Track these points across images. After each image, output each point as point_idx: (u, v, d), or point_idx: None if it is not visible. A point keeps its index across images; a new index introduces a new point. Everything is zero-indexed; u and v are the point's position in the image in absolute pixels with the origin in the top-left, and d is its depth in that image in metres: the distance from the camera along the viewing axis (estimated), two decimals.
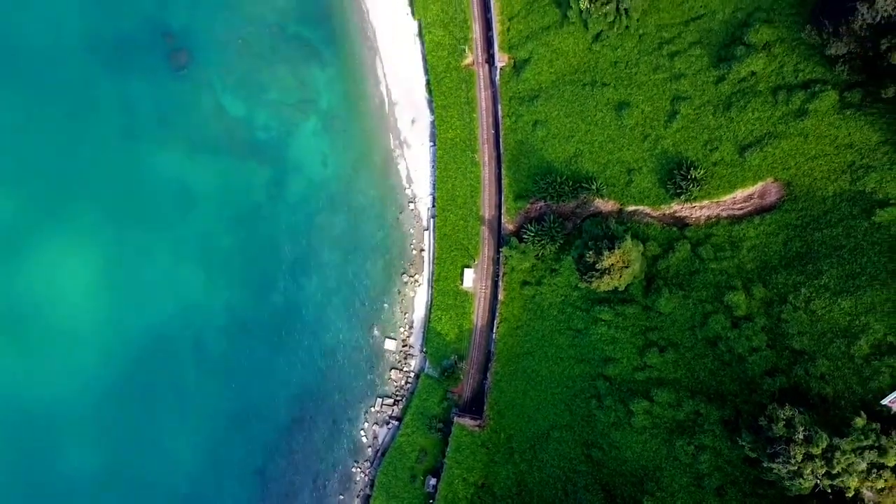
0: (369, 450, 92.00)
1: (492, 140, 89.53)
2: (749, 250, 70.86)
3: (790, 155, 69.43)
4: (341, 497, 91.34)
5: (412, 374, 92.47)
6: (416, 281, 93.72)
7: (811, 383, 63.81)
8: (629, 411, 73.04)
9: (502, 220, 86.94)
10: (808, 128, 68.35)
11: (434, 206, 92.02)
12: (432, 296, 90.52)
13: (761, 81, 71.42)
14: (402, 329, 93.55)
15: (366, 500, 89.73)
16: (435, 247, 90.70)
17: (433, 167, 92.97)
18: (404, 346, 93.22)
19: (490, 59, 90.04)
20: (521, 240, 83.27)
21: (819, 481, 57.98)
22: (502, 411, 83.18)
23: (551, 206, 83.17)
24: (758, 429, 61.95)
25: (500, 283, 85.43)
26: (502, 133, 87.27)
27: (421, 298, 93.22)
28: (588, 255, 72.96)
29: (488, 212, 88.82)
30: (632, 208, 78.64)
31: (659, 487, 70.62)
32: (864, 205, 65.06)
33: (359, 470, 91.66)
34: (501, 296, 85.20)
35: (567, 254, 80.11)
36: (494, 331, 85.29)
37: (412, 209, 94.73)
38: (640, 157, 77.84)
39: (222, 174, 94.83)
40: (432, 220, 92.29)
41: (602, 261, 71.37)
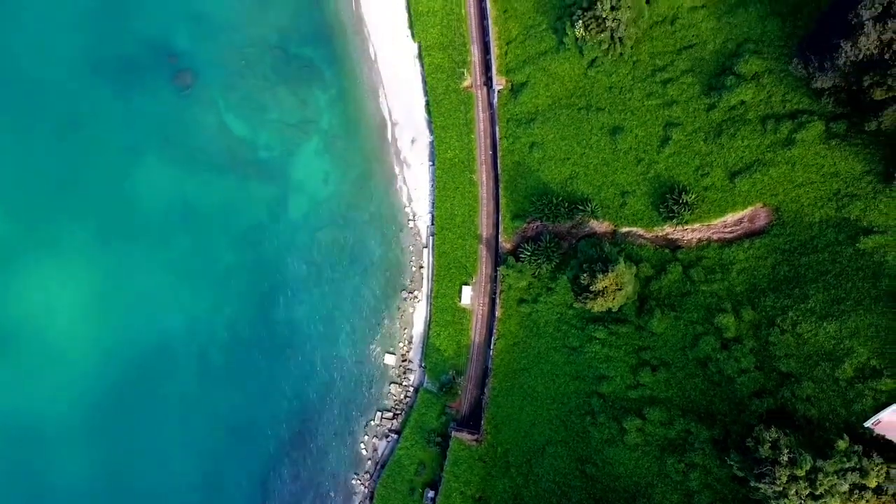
0: (369, 462, 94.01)
1: (490, 161, 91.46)
2: (739, 273, 73.01)
3: (778, 182, 71.63)
4: None
5: (411, 389, 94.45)
6: (416, 297, 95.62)
7: (797, 405, 65.92)
8: (622, 429, 75.09)
9: (500, 239, 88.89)
10: (796, 156, 70.57)
11: (433, 225, 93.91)
12: (431, 312, 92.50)
13: (751, 110, 73.61)
14: (402, 344, 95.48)
15: None
16: (434, 264, 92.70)
17: (432, 186, 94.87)
18: (403, 361, 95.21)
19: (488, 82, 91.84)
20: (517, 259, 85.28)
21: (803, 502, 59.99)
22: (499, 426, 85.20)
23: (547, 226, 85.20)
24: (745, 449, 64.05)
25: (498, 301, 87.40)
26: (500, 154, 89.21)
27: (420, 315, 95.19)
28: (583, 277, 74.90)
29: (486, 231, 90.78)
30: (626, 229, 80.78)
31: (651, 503, 72.76)
32: (849, 231, 67.26)
33: (359, 482, 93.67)
34: (499, 313, 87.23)
35: (563, 273, 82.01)
36: (492, 347, 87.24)
37: (412, 227, 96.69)
38: (633, 181, 79.96)
39: (225, 192, 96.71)
40: (431, 238, 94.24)
41: (596, 283, 73.41)
